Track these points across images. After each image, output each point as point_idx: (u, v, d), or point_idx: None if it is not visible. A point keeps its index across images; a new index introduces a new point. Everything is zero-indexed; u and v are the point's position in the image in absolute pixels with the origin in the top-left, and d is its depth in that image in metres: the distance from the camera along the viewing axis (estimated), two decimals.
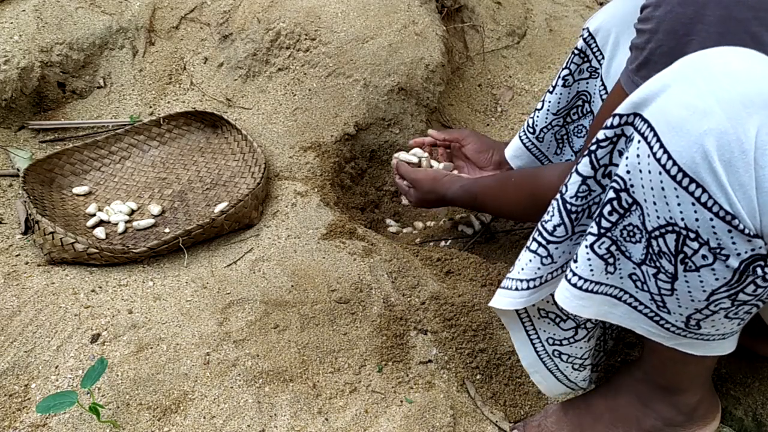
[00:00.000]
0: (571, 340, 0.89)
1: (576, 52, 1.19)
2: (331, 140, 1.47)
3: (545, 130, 1.27)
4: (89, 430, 0.91)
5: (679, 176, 0.60)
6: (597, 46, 1.16)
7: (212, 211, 1.30)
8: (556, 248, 0.79)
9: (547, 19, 1.97)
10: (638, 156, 0.63)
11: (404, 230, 1.52)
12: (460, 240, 1.44)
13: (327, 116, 1.50)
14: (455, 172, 1.37)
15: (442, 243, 1.44)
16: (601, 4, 2.10)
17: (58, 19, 1.59)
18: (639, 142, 0.63)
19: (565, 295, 0.75)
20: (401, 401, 0.99)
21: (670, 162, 0.60)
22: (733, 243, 0.61)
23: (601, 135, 0.68)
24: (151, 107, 1.58)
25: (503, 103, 1.76)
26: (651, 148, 0.61)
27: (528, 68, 1.85)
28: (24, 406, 0.94)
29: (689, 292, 0.67)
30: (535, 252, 0.80)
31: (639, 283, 0.72)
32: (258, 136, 1.48)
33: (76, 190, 1.35)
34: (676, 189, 0.61)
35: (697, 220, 0.61)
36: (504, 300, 0.84)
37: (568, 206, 0.75)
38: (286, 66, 1.56)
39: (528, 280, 0.82)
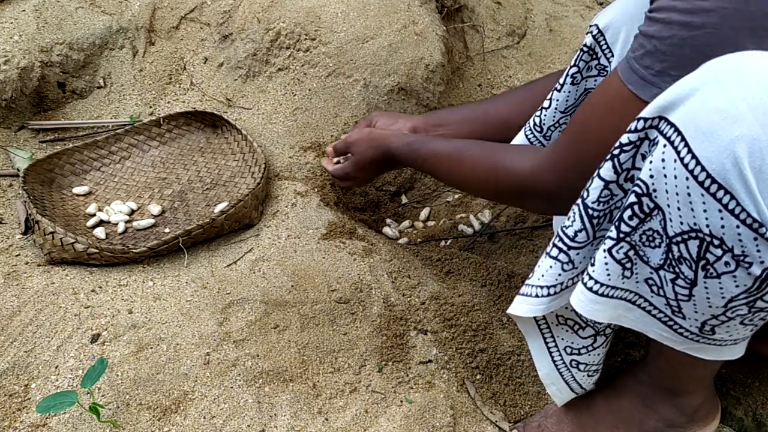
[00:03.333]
0: (590, 348, 0.88)
1: (585, 49, 1.17)
2: (331, 140, 1.47)
3: (553, 128, 1.27)
4: (89, 430, 0.91)
5: (707, 182, 0.59)
6: (606, 43, 1.15)
7: (212, 211, 1.30)
8: (578, 254, 0.78)
9: (547, 19, 1.97)
10: (663, 161, 0.62)
11: (406, 230, 1.52)
12: (460, 240, 1.44)
13: (327, 116, 1.50)
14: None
15: (442, 243, 1.44)
16: (602, 4, 2.10)
17: (58, 19, 1.59)
18: (665, 146, 0.62)
19: (580, 299, 0.75)
20: (401, 401, 0.99)
21: (699, 168, 0.59)
22: (758, 251, 0.60)
23: (624, 139, 0.67)
24: (151, 107, 1.58)
25: None
26: (678, 153, 0.60)
27: (528, 68, 1.85)
28: (24, 406, 0.94)
29: (707, 298, 0.66)
30: (555, 258, 0.79)
31: (655, 288, 0.71)
32: (258, 136, 1.48)
33: (76, 190, 1.35)
34: (703, 195, 0.60)
35: (723, 227, 0.60)
36: (524, 307, 0.83)
37: (590, 211, 0.73)
38: (286, 66, 1.56)
39: (549, 287, 0.80)
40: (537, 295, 0.81)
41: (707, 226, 0.61)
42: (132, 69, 1.63)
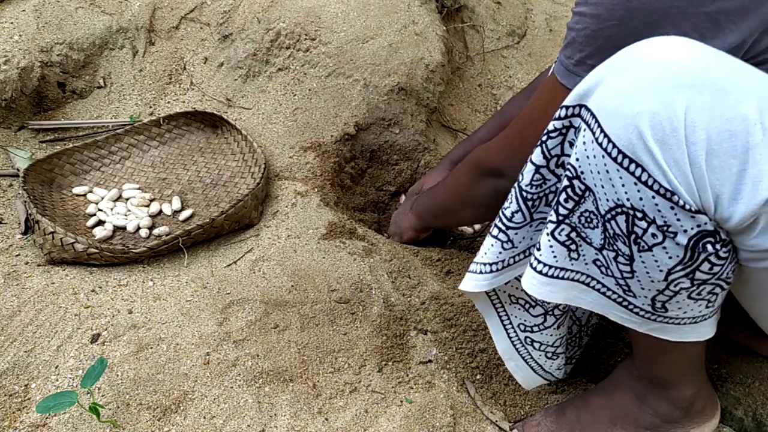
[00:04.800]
0: (541, 326, 0.92)
1: None
2: (331, 140, 1.47)
3: None
4: (89, 430, 0.91)
5: (620, 157, 0.63)
6: None
7: (212, 211, 1.30)
8: (516, 234, 0.82)
9: (547, 19, 1.97)
10: (584, 143, 0.67)
11: None
12: (460, 240, 1.44)
13: (327, 116, 1.50)
14: None
15: None
16: None
17: (58, 19, 1.59)
18: (584, 130, 0.67)
19: (531, 282, 0.78)
20: (401, 401, 1.00)
21: (611, 145, 0.63)
22: (678, 220, 0.63)
23: (550, 126, 0.72)
24: (151, 107, 1.58)
25: (503, 103, 1.76)
26: (594, 134, 0.65)
27: (528, 68, 1.85)
28: (24, 406, 0.94)
29: (647, 272, 0.69)
30: (496, 237, 0.84)
31: (603, 269, 0.74)
32: (258, 136, 1.48)
33: (76, 190, 1.35)
34: (618, 170, 0.64)
35: (641, 199, 0.64)
36: (470, 283, 0.88)
37: (524, 194, 0.78)
38: (286, 66, 1.56)
39: (491, 264, 0.85)
40: (481, 272, 0.86)
41: (628, 199, 0.65)
42: (132, 69, 1.63)
